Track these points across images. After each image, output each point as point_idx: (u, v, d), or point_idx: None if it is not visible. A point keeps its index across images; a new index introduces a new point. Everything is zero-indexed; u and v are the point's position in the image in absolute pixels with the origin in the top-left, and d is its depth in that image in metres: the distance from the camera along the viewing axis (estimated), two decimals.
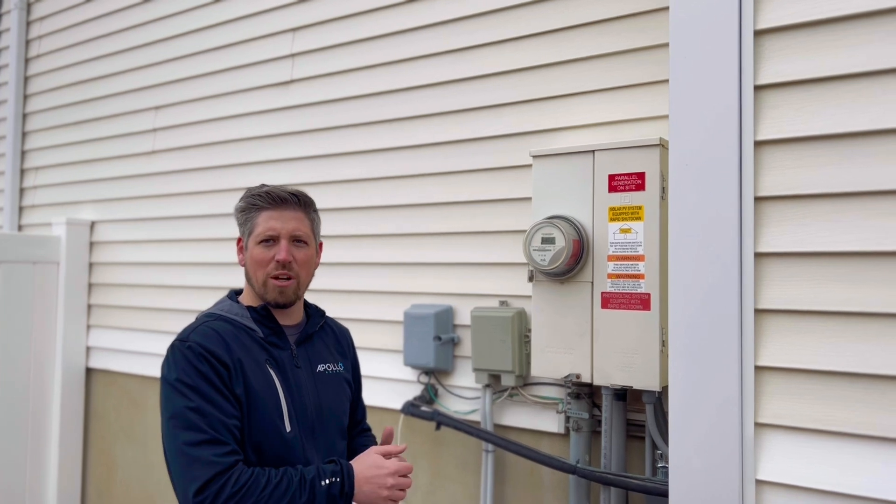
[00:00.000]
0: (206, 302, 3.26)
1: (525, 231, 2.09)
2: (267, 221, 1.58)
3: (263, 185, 1.64)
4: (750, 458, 1.43)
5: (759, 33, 1.46)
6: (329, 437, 1.63)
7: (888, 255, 1.34)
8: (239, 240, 1.67)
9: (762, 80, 1.45)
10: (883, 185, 1.34)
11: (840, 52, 1.39)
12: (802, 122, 1.41)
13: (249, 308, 1.61)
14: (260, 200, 1.60)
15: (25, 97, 4.32)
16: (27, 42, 4.33)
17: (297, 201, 1.63)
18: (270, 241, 1.58)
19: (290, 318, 1.67)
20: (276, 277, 1.57)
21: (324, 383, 1.66)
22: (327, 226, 2.89)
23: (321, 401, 1.63)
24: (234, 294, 1.67)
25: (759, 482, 1.43)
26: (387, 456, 1.55)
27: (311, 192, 3.01)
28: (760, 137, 1.45)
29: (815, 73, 1.40)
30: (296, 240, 1.61)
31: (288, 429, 1.53)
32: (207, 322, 1.55)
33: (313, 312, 1.75)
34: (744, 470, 1.43)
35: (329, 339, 1.75)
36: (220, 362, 1.46)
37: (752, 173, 1.44)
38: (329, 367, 1.69)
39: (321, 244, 1.75)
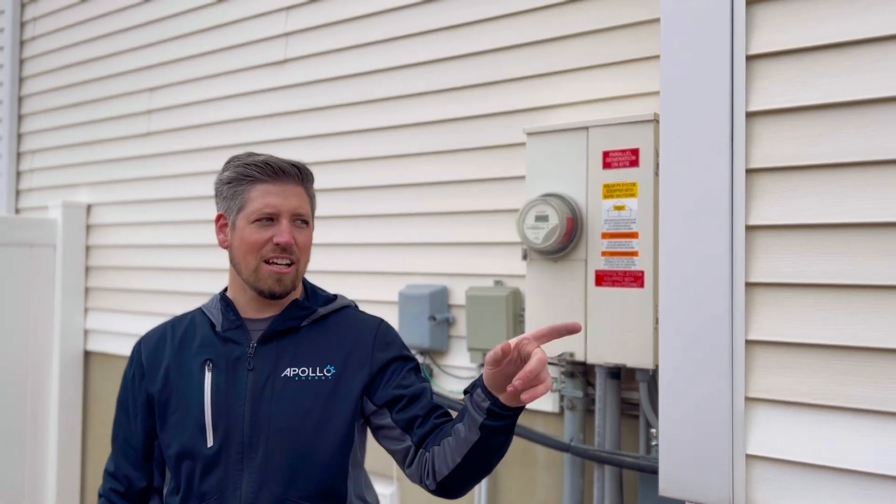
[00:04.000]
0: (202, 284, 3.26)
1: (519, 210, 2.07)
2: (264, 197, 1.32)
3: (252, 154, 1.38)
4: (740, 433, 1.42)
5: (751, 2, 1.43)
6: (278, 458, 1.30)
7: (880, 226, 1.32)
8: (219, 216, 1.40)
9: (754, 50, 1.42)
10: (875, 155, 1.31)
11: (834, 19, 1.36)
12: (795, 92, 1.39)
13: (221, 297, 1.44)
14: (256, 171, 1.33)
15: (21, 80, 4.29)
16: (22, 24, 4.30)
17: (299, 175, 1.38)
18: (268, 220, 1.33)
19: (265, 310, 1.40)
20: (273, 262, 1.33)
21: (286, 392, 1.33)
22: (322, 206, 2.87)
23: (272, 412, 1.32)
24: None
25: (749, 457, 1.42)
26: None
27: None
28: (752, 108, 1.42)
29: (808, 41, 1.37)
30: (297, 219, 1.36)
31: (209, 443, 1.31)
32: (177, 317, 1.52)
33: (302, 303, 1.42)
34: (734, 444, 1.42)
35: (326, 336, 1.40)
36: (139, 364, 1.45)
37: (744, 145, 1.42)
38: (304, 371, 1.35)
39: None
